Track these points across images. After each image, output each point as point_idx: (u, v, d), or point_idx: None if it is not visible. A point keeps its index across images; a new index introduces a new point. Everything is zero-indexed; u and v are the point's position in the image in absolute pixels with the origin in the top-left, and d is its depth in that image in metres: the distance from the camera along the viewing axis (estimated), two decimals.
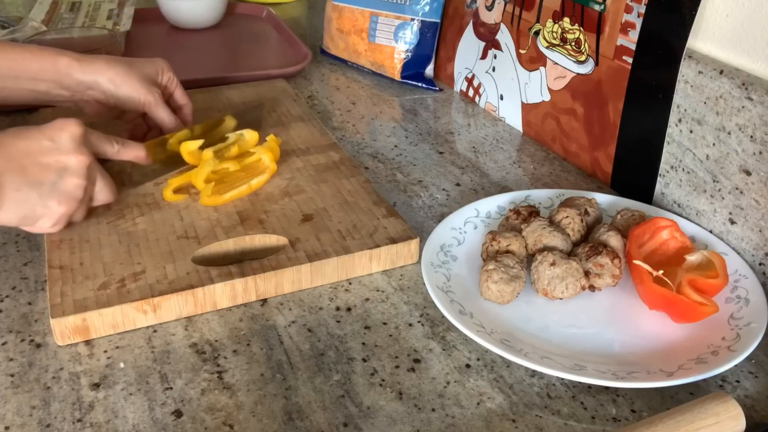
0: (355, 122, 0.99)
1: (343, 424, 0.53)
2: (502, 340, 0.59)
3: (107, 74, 0.75)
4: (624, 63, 0.79)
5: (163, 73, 0.80)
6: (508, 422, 0.54)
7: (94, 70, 0.74)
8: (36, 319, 0.62)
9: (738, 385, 0.58)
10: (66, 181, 0.62)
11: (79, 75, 0.74)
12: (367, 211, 0.73)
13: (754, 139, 0.66)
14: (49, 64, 0.73)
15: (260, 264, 0.65)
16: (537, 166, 0.90)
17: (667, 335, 0.61)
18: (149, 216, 0.71)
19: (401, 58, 1.09)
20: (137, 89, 0.76)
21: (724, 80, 0.68)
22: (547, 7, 0.89)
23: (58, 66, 0.73)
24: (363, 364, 0.58)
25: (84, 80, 0.74)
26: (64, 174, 0.62)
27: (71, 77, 0.74)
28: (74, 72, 0.74)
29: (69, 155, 0.62)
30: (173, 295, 0.61)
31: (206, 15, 1.28)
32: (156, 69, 0.80)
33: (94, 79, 0.74)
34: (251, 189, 0.76)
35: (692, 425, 0.49)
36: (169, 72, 0.81)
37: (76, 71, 0.74)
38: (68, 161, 0.62)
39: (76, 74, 0.74)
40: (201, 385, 0.56)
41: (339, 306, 0.65)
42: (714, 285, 0.62)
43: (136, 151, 0.71)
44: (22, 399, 0.54)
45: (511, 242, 0.67)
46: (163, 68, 0.80)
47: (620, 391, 0.57)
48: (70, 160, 0.62)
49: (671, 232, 0.68)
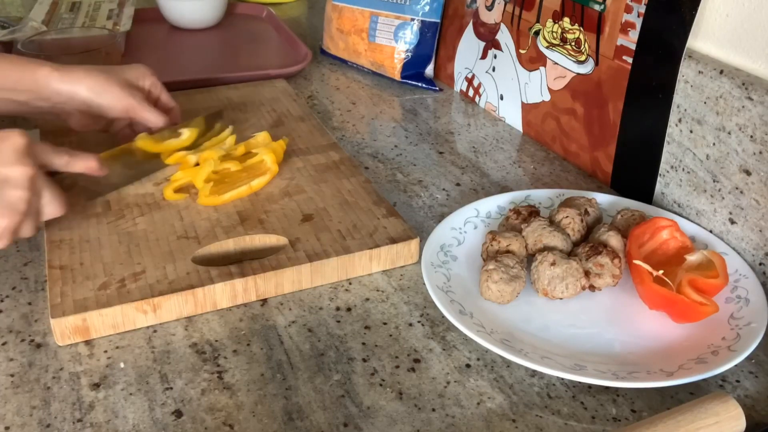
0: (355, 122, 0.99)
1: (343, 424, 0.53)
2: (502, 340, 0.59)
3: (86, 83, 0.73)
4: (624, 63, 0.79)
5: (144, 78, 0.79)
6: (508, 422, 0.54)
7: (73, 80, 0.73)
8: (36, 319, 0.62)
9: (738, 384, 0.58)
10: (7, 193, 0.59)
11: (58, 85, 0.72)
12: (367, 211, 0.73)
13: (754, 139, 0.66)
14: (28, 75, 0.72)
15: (260, 264, 0.65)
16: (537, 166, 0.90)
17: (667, 335, 0.61)
18: (149, 216, 0.71)
19: (401, 58, 1.09)
20: (118, 95, 0.75)
21: (724, 80, 0.68)
22: (547, 7, 0.89)
23: (37, 76, 0.72)
24: (363, 364, 0.58)
25: (63, 90, 0.73)
26: (5, 186, 0.59)
27: (50, 88, 0.72)
28: (53, 82, 0.72)
29: (10, 167, 0.59)
30: (173, 295, 0.61)
31: (206, 15, 1.28)
32: (136, 74, 0.79)
33: (73, 88, 0.73)
34: (251, 190, 0.76)
35: (692, 425, 0.49)
36: (152, 77, 0.80)
37: (54, 81, 0.72)
38: (9, 173, 0.59)
39: (55, 84, 0.72)
40: (201, 385, 0.56)
41: (339, 306, 0.65)
42: (714, 285, 0.62)
43: (87, 162, 0.67)
44: (22, 399, 0.54)
45: (511, 242, 0.67)
46: (144, 73, 0.79)
47: (620, 391, 0.57)
48: (12, 171, 0.59)
49: (671, 232, 0.68)
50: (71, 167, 0.67)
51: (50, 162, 0.65)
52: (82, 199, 0.73)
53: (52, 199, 0.63)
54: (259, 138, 0.82)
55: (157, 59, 1.13)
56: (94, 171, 0.68)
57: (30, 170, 0.60)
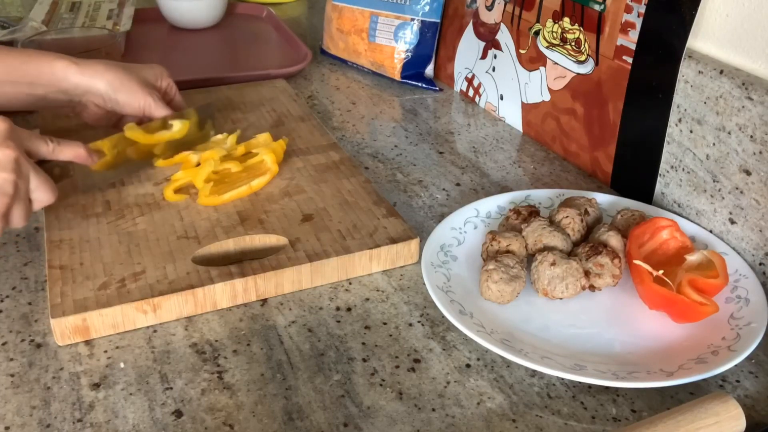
0: (355, 122, 0.99)
1: (343, 424, 0.53)
2: (502, 340, 0.59)
3: (105, 78, 0.74)
4: (624, 63, 0.79)
5: (162, 78, 0.80)
6: (508, 422, 0.54)
7: (92, 74, 0.74)
8: (36, 319, 0.62)
9: (738, 384, 0.58)
10: None
11: (77, 79, 0.73)
12: (367, 211, 0.73)
13: (754, 138, 0.66)
14: (47, 68, 0.72)
15: (260, 264, 0.65)
16: (537, 166, 0.90)
17: (667, 335, 0.61)
18: (149, 216, 0.71)
19: (401, 58, 1.09)
20: (135, 92, 0.76)
21: (724, 80, 0.68)
22: (547, 7, 0.89)
23: (55, 69, 0.72)
24: (363, 364, 0.58)
25: (81, 84, 0.74)
26: None
27: (68, 81, 0.73)
28: (71, 76, 0.73)
29: None
30: (173, 295, 0.61)
31: (206, 15, 1.28)
32: (155, 73, 0.80)
33: (91, 82, 0.74)
34: (251, 190, 0.76)
35: (692, 425, 0.49)
36: (168, 78, 0.81)
37: (73, 75, 0.73)
38: None
39: (74, 78, 0.73)
40: (201, 385, 0.56)
41: (339, 306, 0.65)
42: (714, 285, 0.62)
43: (75, 150, 0.67)
44: (23, 399, 0.54)
45: (511, 242, 0.67)
46: (162, 73, 0.81)
47: (620, 390, 0.57)
48: None
49: (671, 232, 0.68)
50: (58, 154, 0.66)
51: (36, 147, 0.64)
52: (77, 190, 0.72)
53: (40, 184, 0.62)
54: (260, 138, 0.82)
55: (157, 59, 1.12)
56: (82, 159, 0.68)
57: (12, 153, 0.59)
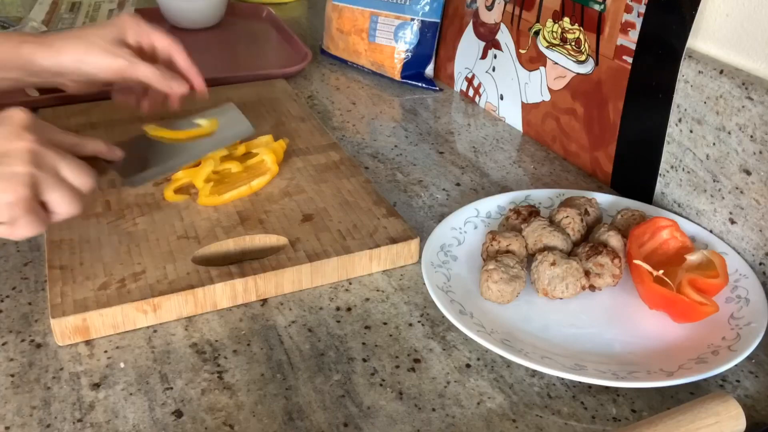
0: (355, 122, 0.99)
1: (344, 424, 0.53)
2: (503, 340, 0.59)
3: (68, 54, 0.70)
4: (624, 63, 0.79)
5: (127, 30, 0.72)
6: (508, 422, 0.54)
7: (54, 53, 0.70)
8: (36, 319, 0.62)
9: (738, 384, 0.58)
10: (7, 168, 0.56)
11: (43, 62, 0.70)
12: (367, 211, 0.73)
13: (754, 138, 0.66)
14: (14, 53, 0.69)
15: (260, 264, 0.65)
16: (537, 166, 0.90)
17: (668, 335, 0.61)
18: (149, 216, 0.71)
19: (401, 58, 1.08)
20: (103, 60, 0.70)
21: (724, 80, 0.68)
22: (547, 7, 0.89)
23: (21, 53, 0.69)
24: (363, 364, 0.58)
25: (48, 66, 0.70)
26: (4, 159, 0.57)
27: (36, 64, 0.70)
28: (37, 59, 0.70)
29: (9, 142, 0.57)
30: (173, 295, 0.61)
31: (206, 15, 1.28)
32: (119, 29, 0.71)
33: (57, 62, 0.70)
34: (251, 190, 0.76)
35: (692, 425, 0.49)
36: (137, 26, 0.72)
37: (39, 58, 0.69)
38: (9, 146, 0.57)
39: (40, 61, 0.70)
40: (201, 385, 0.56)
41: (339, 306, 0.65)
42: (714, 285, 0.62)
43: (95, 144, 0.64)
44: (23, 399, 0.54)
45: (511, 242, 0.67)
46: (127, 24, 0.72)
47: (620, 390, 0.57)
48: (12, 145, 0.57)
49: (671, 231, 0.68)
50: (81, 149, 0.64)
51: (58, 140, 0.61)
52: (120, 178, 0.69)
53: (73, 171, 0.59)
54: (261, 139, 0.82)
55: None
56: (103, 154, 0.65)
57: (29, 145, 0.57)
